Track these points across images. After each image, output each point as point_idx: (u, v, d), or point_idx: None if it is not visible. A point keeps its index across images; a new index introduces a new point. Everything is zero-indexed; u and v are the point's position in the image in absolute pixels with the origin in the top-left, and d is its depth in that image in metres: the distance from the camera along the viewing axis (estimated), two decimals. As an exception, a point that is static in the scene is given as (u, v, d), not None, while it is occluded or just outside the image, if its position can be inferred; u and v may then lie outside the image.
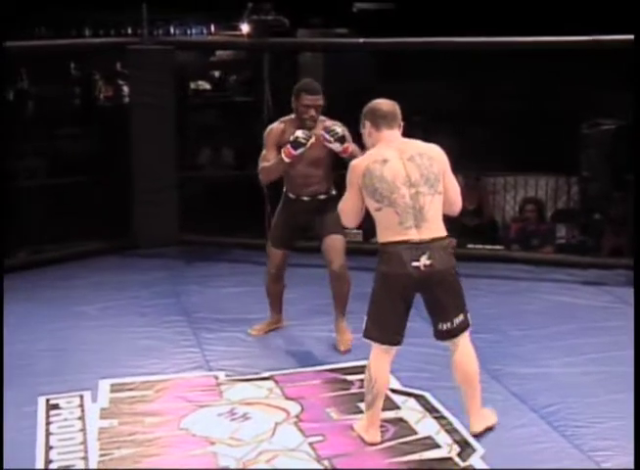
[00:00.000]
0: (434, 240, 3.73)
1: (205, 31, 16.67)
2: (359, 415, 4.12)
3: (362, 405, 4.21)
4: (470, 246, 7.00)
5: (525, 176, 7.78)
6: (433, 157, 3.82)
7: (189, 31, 16.74)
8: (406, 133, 3.94)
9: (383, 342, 3.82)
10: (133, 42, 7.00)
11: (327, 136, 4.63)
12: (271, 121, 5.02)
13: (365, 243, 6.85)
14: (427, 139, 4.02)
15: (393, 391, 4.37)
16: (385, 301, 3.77)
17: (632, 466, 3.56)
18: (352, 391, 4.43)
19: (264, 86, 7.26)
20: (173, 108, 6.98)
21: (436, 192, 3.78)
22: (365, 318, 3.86)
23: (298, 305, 5.62)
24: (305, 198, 4.94)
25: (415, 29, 7.17)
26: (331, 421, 4.12)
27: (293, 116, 4.86)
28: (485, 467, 3.69)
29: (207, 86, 14.55)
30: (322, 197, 4.93)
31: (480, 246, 7.01)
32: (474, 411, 3.94)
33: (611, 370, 4.62)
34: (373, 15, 14.04)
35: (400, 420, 4.09)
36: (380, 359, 3.85)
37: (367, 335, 3.86)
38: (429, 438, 3.93)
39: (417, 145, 3.87)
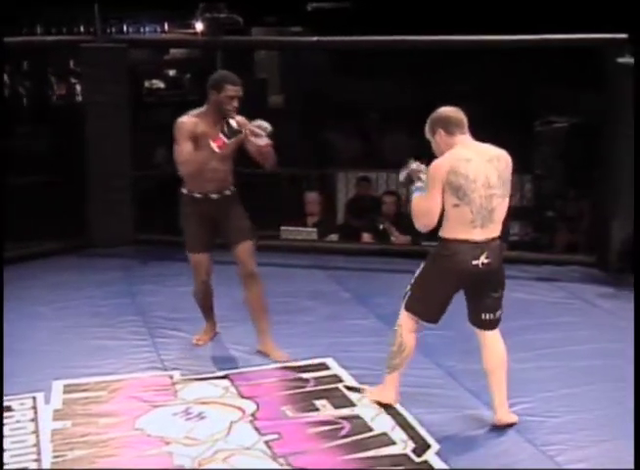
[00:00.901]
0: (493, 239, 3.99)
1: (158, 30, 16.60)
2: (315, 413, 4.14)
3: (318, 403, 4.24)
4: (424, 243, 7.02)
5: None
6: (507, 161, 4.03)
7: (142, 29, 16.66)
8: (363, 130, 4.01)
9: (424, 318, 4.13)
10: (86, 40, 6.95)
11: (258, 130, 4.57)
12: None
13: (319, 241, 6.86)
14: (384, 137, 4.15)
15: (349, 388, 4.40)
16: (437, 287, 4.05)
17: (585, 462, 3.62)
18: (308, 389, 4.43)
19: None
20: (127, 106, 6.93)
21: (506, 195, 4.01)
22: (409, 292, 4.11)
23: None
24: (214, 195, 4.77)
25: (370, 28, 7.19)
26: (286, 419, 4.12)
27: (203, 108, 4.70)
28: (440, 463, 3.71)
29: (162, 85, 14.50)
30: (228, 193, 4.83)
31: (435, 243, 7.02)
32: (502, 403, 4.08)
33: (565, 365, 4.67)
34: (328, 13, 14.08)
35: (356, 417, 4.10)
36: (412, 329, 4.16)
37: (410, 308, 4.13)
38: (384, 434, 3.95)
39: (491, 148, 4.05)
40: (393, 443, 3.88)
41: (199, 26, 12.16)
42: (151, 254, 6.94)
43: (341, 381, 4.50)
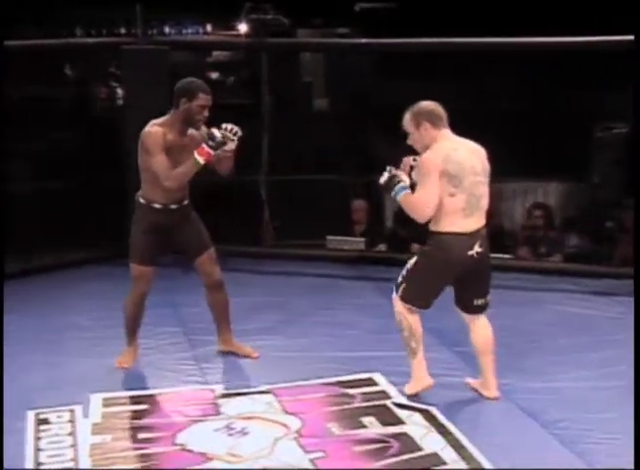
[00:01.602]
0: (482, 228, 4.34)
1: (200, 31, 16.68)
2: (361, 430, 4.13)
3: (365, 420, 4.23)
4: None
5: (534, 182, 7.78)
6: (484, 154, 4.39)
7: (184, 31, 16.75)
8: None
9: (420, 307, 4.41)
10: (127, 42, 7.01)
11: (230, 135, 4.58)
12: (269, 124, 5.00)
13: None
14: None
15: (398, 405, 4.38)
16: (435, 279, 4.35)
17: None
18: (354, 405, 4.42)
19: (262, 88, 7.27)
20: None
21: (487, 184, 4.36)
22: (403, 283, 4.37)
23: (298, 317, 5.64)
24: (173, 206, 4.78)
25: (417, 29, 7.19)
26: (332, 437, 4.11)
27: (168, 117, 4.68)
28: (493, 485, 3.69)
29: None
30: (186, 203, 4.85)
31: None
32: (490, 380, 4.50)
33: (623, 385, 4.60)
34: (376, 14, 14.08)
35: (405, 435, 4.08)
36: (413, 314, 4.42)
37: (407, 300, 4.39)
38: (434, 454, 3.91)
39: (469, 142, 4.39)
40: (444, 463, 3.84)
41: (242, 28, 12.23)
42: (191, 263, 6.96)
43: (388, 397, 4.49)
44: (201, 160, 4.54)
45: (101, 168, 7.65)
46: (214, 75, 15.42)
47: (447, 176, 4.20)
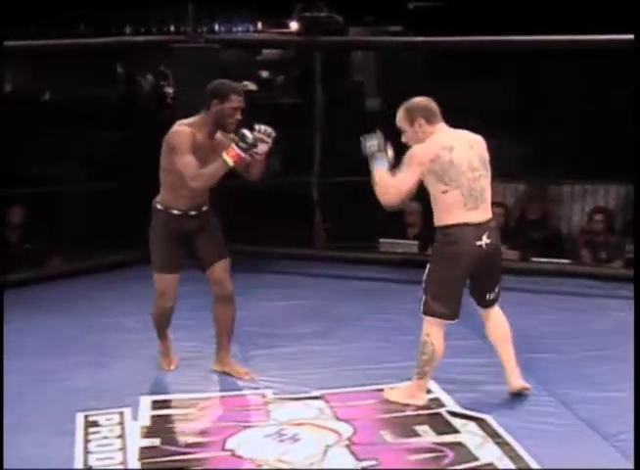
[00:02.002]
0: (489, 220, 4.36)
1: (251, 29, 16.75)
2: (415, 439, 4.12)
3: (418, 428, 4.22)
4: (534, 259, 6.95)
5: (594, 185, 7.69)
6: (484, 145, 4.45)
7: (234, 29, 16.84)
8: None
9: (447, 318, 4.39)
10: (178, 40, 7.05)
11: (265, 137, 4.51)
12: (321, 125, 4.96)
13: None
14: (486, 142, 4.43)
15: (452, 413, 4.36)
16: (449, 279, 4.34)
17: None
18: (408, 413, 4.41)
19: (315, 87, 7.26)
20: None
21: (489, 175, 4.40)
22: (424, 297, 4.38)
23: (351, 321, 5.63)
24: (192, 212, 4.70)
25: (470, 27, 7.15)
26: (385, 444, 4.10)
27: (198, 118, 4.60)
28: (552, 497, 3.66)
29: (253, 87, 14.60)
30: (205, 209, 4.77)
31: (545, 259, 6.94)
32: (513, 370, 4.52)
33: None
34: (429, 12, 14.03)
35: (460, 445, 4.06)
36: (440, 333, 4.41)
37: (430, 312, 4.38)
38: (490, 464, 3.89)
39: (468, 134, 4.45)
40: (500, 474, 3.83)
41: (293, 26, 12.25)
42: (239, 265, 6.97)
43: (443, 405, 4.47)
44: (230, 161, 4.43)
45: (148, 169, 7.72)
46: (264, 74, 15.50)
47: (435, 175, 4.25)
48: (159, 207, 4.71)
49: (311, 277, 6.46)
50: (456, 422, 4.28)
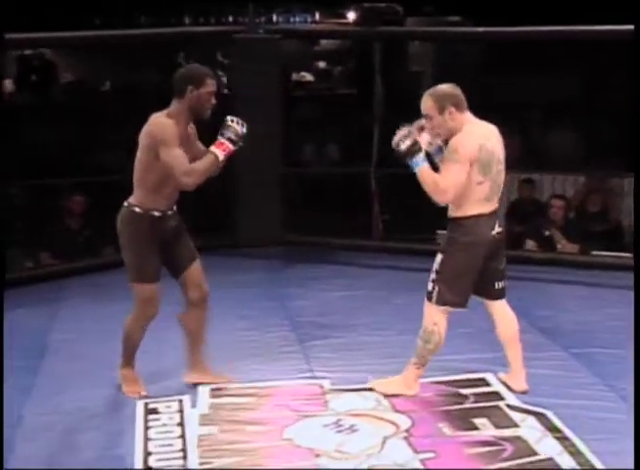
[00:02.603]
0: (497, 209, 4.40)
1: (309, 19, 16.74)
2: (474, 432, 4.10)
3: (477, 421, 4.20)
4: (594, 253, 6.87)
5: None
6: (501, 137, 4.40)
7: (292, 19, 16.84)
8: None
9: (459, 306, 4.43)
10: (239, 31, 7.07)
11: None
12: (379, 116, 4.88)
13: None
14: (547, 135, 4.26)
15: (512, 407, 4.33)
16: (466, 269, 4.35)
17: None
18: (466, 405, 4.39)
19: (374, 77, 7.24)
20: (277, 100, 7.02)
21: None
22: (437, 287, 4.37)
23: (407, 312, 5.60)
24: (170, 212, 4.40)
25: (531, 17, 7.08)
26: (443, 437, 4.08)
27: (173, 107, 4.27)
28: (613, 494, 3.62)
29: (310, 78, 14.61)
30: (175, 208, 4.47)
31: (606, 253, 6.85)
32: (519, 371, 4.53)
33: None
34: (488, 2, 13.90)
35: (519, 439, 4.03)
36: (445, 322, 4.45)
37: (444, 302, 4.39)
38: (550, 459, 3.85)
39: (491, 126, 4.40)
40: (561, 469, 3.79)
41: (351, 16, 12.24)
42: (298, 255, 7.02)
43: (502, 399, 4.44)
44: (221, 155, 4.22)
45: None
46: (322, 65, 15.50)
47: (480, 165, 4.23)
48: (137, 210, 4.33)
49: (368, 268, 6.45)
50: (515, 416, 4.24)
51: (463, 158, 4.22)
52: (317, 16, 16.45)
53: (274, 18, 15.82)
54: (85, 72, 12.92)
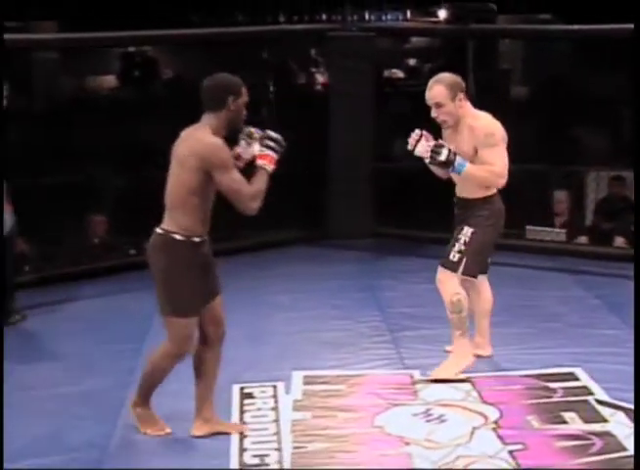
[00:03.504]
0: None
1: (400, 18, 16.66)
2: (562, 426, 4.06)
3: (565, 415, 4.15)
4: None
5: None
6: None
7: (384, 18, 16.78)
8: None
9: (476, 276, 4.61)
10: (334, 29, 7.08)
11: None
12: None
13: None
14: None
15: (600, 402, 4.27)
16: (490, 242, 4.60)
17: None
18: (555, 399, 4.35)
19: (466, 74, 7.17)
20: (371, 96, 7.02)
21: None
22: (465, 259, 4.49)
23: (498, 306, 5.57)
24: (206, 237, 3.95)
25: (622, 15, 6.94)
26: (532, 430, 4.05)
27: (213, 120, 3.83)
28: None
29: (401, 74, 14.56)
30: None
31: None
32: (488, 338, 4.79)
33: None
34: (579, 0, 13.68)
35: (608, 434, 3.97)
36: (462, 289, 4.56)
37: (469, 272, 4.54)
38: (639, 455, 3.81)
39: None
40: (650, 465, 3.73)
41: (441, 14, 12.15)
42: (389, 248, 7.02)
43: (591, 393, 4.39)
44: (269, 169, 3.87)
45: (304, 151, 7.80)
46: (412, 62, 15.42)
47: (505, 144, 4.49)
48: (177, 237, 3.83)
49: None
50: (604, 411, 4.19)
51: (500, 139, 4.44)
52: (408, 14, 16.35)
53: (366, 16, 15.78)
54: (184, 69, 13.07)
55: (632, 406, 4.19)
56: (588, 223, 7.72)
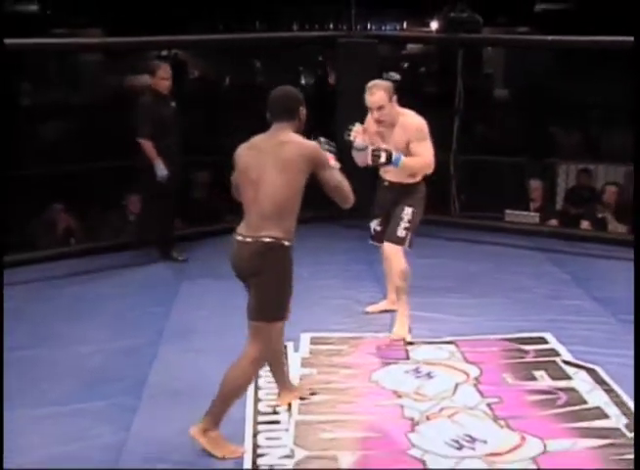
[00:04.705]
0: None
1: (397, 28, 16.61)
2: (533, 382, 4.09)
3: (536, 373, 4.17)
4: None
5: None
6: None
7: (383, 27, 16.72)
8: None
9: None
10: (343, 35, 7.05)
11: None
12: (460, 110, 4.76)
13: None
14: (603, 131, 4.16)
15: (566, 362, 4.29)
16: (420, 214, 4.67)
17: None
18: (527, 359, 4.37)
19: (457, 79, 7.15)
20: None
21: None
22: (409, 234, 4.62)
23: (480, 279, 5.60)
24: None
25: (594, 28, 6.90)
26: (507, 385, 4.08)
27: (292, 129, 3.51)
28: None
29: (398, 77, 14.54)
30: None
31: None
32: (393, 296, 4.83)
33: None
34: (554, 14, 13.62)
35: (572, 389, 4.00)
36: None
37: (411, 246, 4.67)
38: (598, 408, 3.82)
39: None
40: (607, 417, 3.75)
41: (434, 25, 12.11)
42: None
43: (558, 355, 4.40)
44: (338, 166, 3.61)
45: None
46: (407, 66, 15.36)
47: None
48: (285, 243, 3.43)
49: (447, 240, 6.41)
50: (569, 370, 4.21)
51: (427, 133, 4.50)
52: (405, 25, 16.32)
53: (368, 26, 15.72)
54: (209, 70, 13.06)
55: (593, 366, 4.23)
56: (559, 208, 7.73)
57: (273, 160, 3.43)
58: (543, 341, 4.58)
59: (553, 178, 8.24)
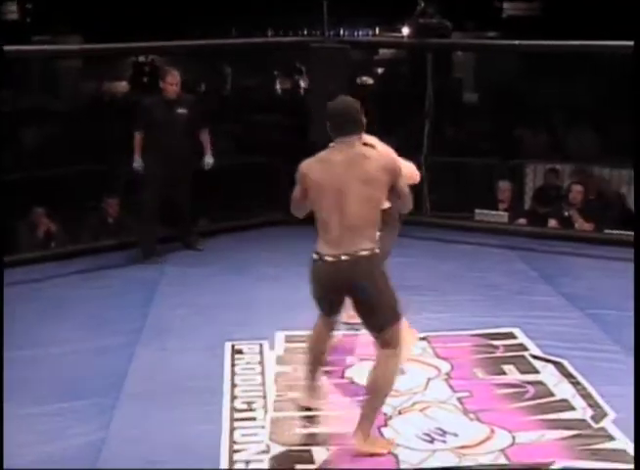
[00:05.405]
0: None
1: (369, 33, 16.63)
2: (502, 376, 4.10)
3: (505, 367, 4.19)
4: (607, 231, 6.74)
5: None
6: None
7: (355, 33, 16.73)
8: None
9: None
10: (317, 41, 7.04)
11: None
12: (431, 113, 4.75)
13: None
14: (569, 132, 4.13)
15: (534, 357, 4.31)
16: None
17: None
18: (497, 354, 4.38)
19: (427, 83, 7.17)
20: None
21: None
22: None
23: (451, 277, 5.61)
24: None
25: (559, 34, 6.95)
26: (477, 380, 4.09)
27: (361, 139, 3.50)
28: (616, 430, 3.57)
29: (371, 81, 14.57)
30: None
31: (616, 231, 6.69)
32: None
33: None
34: (521, 20, 13.71)
35: (540, 383, 4.02)
36: None
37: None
38: (565, 400, 3.85)
39: None
40: (573, 408, 3.77)
41: (405, 31, 12.14)
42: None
43: (526, 349, 4.42)
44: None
45: (287, 148, 7.79)
46: (379, 70, 15.40)
47: None
48: (377, 250, 3.44)
49: (418, 239, 6.42)
50: (537, 364, 4.23)
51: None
52: (377, 30, 16.35)
53: (341, 31, 15.73)
54: (185, 76, 13.00)
55: (560, 360, 4.25)
56: (527, 208, 7.76)
57: (357, 173, 3.33)
58: (512, 336, 4.60)
59: (521, 179, 8.28)
